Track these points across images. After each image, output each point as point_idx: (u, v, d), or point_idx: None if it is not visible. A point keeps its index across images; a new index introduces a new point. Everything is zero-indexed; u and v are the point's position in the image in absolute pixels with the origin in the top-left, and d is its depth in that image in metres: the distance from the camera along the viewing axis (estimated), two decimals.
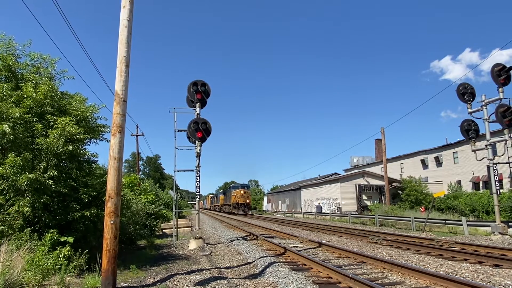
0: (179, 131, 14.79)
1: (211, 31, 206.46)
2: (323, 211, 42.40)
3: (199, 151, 13.86)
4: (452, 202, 30.97)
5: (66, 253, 7.43)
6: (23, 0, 9.38)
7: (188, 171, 15.10)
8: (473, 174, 36.91)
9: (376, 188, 42.08)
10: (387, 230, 20.02)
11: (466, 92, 16.91)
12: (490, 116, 16.26)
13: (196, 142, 13.86)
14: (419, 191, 35.78)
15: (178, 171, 15.12)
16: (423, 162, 44.64)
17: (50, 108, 8.79)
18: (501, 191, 19.45)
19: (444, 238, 14.41)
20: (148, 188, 24.23)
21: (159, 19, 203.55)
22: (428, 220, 19.27)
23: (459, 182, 38.53)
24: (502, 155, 16.78)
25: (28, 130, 8.52)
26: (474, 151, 17.18)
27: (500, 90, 15.86)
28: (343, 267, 8.76)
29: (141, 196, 19.72)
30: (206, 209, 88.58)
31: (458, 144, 38.52)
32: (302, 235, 17.49)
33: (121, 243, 11.61)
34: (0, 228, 7.65)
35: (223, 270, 8.91)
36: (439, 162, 42.19)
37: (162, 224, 21.56)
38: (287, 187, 70.33)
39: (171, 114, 14.85)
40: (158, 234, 19.49)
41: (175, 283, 7.32)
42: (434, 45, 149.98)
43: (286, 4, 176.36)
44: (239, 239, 16.07)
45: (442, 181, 40.88)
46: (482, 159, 16.95)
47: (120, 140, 6.51)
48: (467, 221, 17.45)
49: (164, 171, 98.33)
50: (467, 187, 37.09)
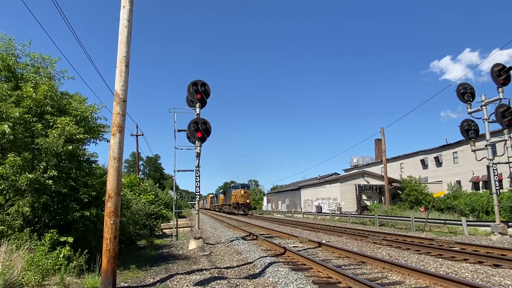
0: (179, 131, 14.80)
1: (211, 31, 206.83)
2: (323, 211, 42.41)
3: (199, 151, 13.87)
4: (452, 202, 30.99)
5: (66, 253, 7.42)
6: (23, 0, 9.39)
7: (188, 171, 15.12)
8: (473, 174, 36.93)
9: (376, 188, 42.10)
10: (387, 230, 20.03)
11: (466, 92, 16.92)
12: (490, 116, 16.26)
13: (196, 142, 13.87)
14: (419, 191, 35.80)
15: (178, 171, 15.13)
16: (423, 162, 44.67)
17: (50, 108, 8.79)
18: (500, 191, 19.44)
19: (444, 238, 14.42)
20: (148, 188, 24.23)
21: (159, 19, 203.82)
22: (428, 220, 19.28)
23: (459, 182, 38.55)
24: (502, 155, 16.79)
25: (28, 130, 8.52)
26: (474, 151, 17.18)
27: (500, 90, 15.87)
28: (343, 267, 8.76)
29: (141, 196, 19.72)
30: (206, 209, 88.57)
31: (458, 144, 38.54)
32: (302, 235, 17.50)
33: (121, 243, 11.61)
34: (0, 228, 7.64)
35: (223, 270, 8.91)
36: (439, 162, 42.22)
37: (162, 224, 21.57)
38: (287, 187, 70.33)
39: (171, 114, 14.87)
40: (158, 234, 19.50)
41: (175, 283, 7.32)
42: (434, 45, 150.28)
43: (286, 4, 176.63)
44: (239, 239, 16.07)
45: (442, 181, 40.90)
46: (482, 159, 16.96)
47: (120, 140, 6.51)
48: (467, 221, 17.46)
49: (164, 171, 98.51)
50: (467, 187, 37.11)
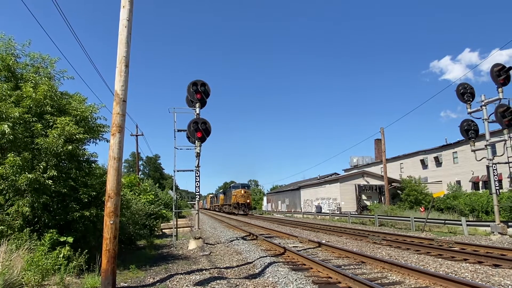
0: (178, 131, 14.79)
1: (211, 31, 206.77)
2: (323, 211, 42.42)
3: (198, 151, 13.87)
4: (451, 202, 31.00)
5: (65, 253, 7.42)
6: (22, 0, 9.38)
7: (188, 171, 15.11)
8: (472, 174, 36.94)
9: (376, 188, 42.10)
10: (386, 230, 20.04)
11: (465, 92, 16.92)
12: (489, 116, 16.27)
13: (196, 142, 13.87)
14: (418, 191, 35.80)
15: (178, 171, 15.12)
16: (422, 162, 44.67)
17: (49, 108, 8.78)
18: (500, 191, 19.44)
19: (443, 238, 14.43)
20: (148, 188, 24.22)
21: (159, 19, 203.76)
22: (428, 220, 19.29)
23: (458, 182, 38.57)
24: (501, 155, 16.79)
25: (27, 130, 8.52)
26: (474, 151, 17.19)
27: (499, 90, 15.88)
28: (342, 267, 8.76)
29: (140, 196, 19.72)
30: (205, 209, 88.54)
31: (458, 144, 38.55)
32: (302, 235, 17.50)
33: (120, 243, 11.61)
34: (0, 228, 7.64)
35: (223, 270, 8.91)
36: (438, 162, 42.23)
37: (162, 224, 21.56)
38: (287, 187, 70.32)
39: (171, 114, 14.86)
40: (157, 234, 19.50)
41: (175, 283, 7.32)
42: (434, 45, 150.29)
43: (286, 4, 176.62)
44: (238, 239, 16.07)
45: (441, 181, 40.91)
46: (482, 159, 16.97)
47: (120, 140, 6.51)
48: (466, 221, 17.46)
49: (163, 171, 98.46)
50: (467, 187, 37.12)
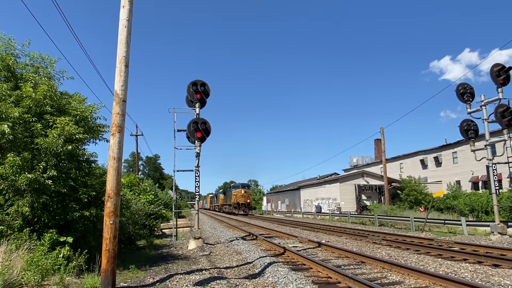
0: (178, 131, 14.79)
1: (211, 31, 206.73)
2: (323, 211, 42.43)
3: (198, 151, 13.87)
4: (451, 202, 31.01)
5: (65, 253, 7.41)
6: (22, 0, 9.38)
7: (188, 171, 15.11)
8: (472, 174, 36.95)
9: (376, 188, 42.10)
10: (386, 230, 20.04)
11: (465, 92, 16.92)
12: (489, 116, 16.27)
13: (196, 142, 13.86)
14: (418, 191, 35.81)
15: (178, 171, 15.12)
16: (422, 162, 44.67)
17: (49, 108, 8.78)
18: (500, 191, 19.44)
19: (443, 238, 14.43)
20: (148, 188, 24.22)
21: (159, 19, 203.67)
22: (428, 220, 19.30)
23: (458, 182, 38.58)
24: (501, 155, 16.79)
25: (27, 130, 8.51)
26: (474, 151, 17.19)
27: (499, 90, 15.88)
28: (342, 267, 8.76)
29: (140, 196, 19.71)
30: (205, 209, 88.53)
31: (458, 144, 38.55)
32: (302, 235, 17.50)
33: (120, 243, 11.61)
34: (0, 228, 7.64)
35: (223, 270, 8.91)
36: (438, 162, 42.23)
37: (162, 224, 21.56)
38: (287, 187, 70.32)
39: (171, 114, 14.85)
40: (157, 234, 19.50)
41: (175, 283, 7.32)
42: (434, 45, 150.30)
43: (286, 4, 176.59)
44: (238, 239, 16.07)
45: (441, 181, 40.92)
46: (482, 159, 16.97)
47: (120, 140, 6.51)
48: (466, 221, 17.47)
49: (163, 171, 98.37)
50: (467, 187, 37.14)
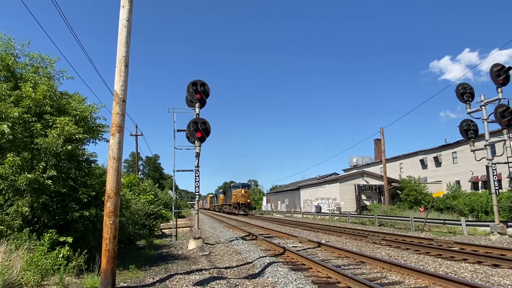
0: (178, 131, 14.79)
1: (211, 31, 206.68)
2: (323, 211, 42.43)
3: (198, 151, 13.86)
4: (451, 202, 31.03)
5: (65, 253, 7.41)
6: (22, 0, 9.37)
7: (188, 171, 15.11)
8: (472, 174, 36.96)
9: (375, 188, 42.11)
10: (386, 230, 20.05)
11: (465, 92, 16.93)
12: (489, 116, 16.28)
13: (196, 142, 13.86)
14: (418, 191, 35.83)
15: (178, 171, 15.12)
16: (422, 162, 44.68)
17: (49, 108, 8.77)
18: (500, 191, 19.45)
19: (443, 238, 14.44)
20: (147, 188, 24.22)
21: (159, 19, 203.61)
22: (427, 220, 19.30)
23: (458, 182, 38.58)
24: (501, 155, 16.80)
25: (27, 130, 8.51)
26: (473, 151, 17.20)
27: (499, 90, 15.89)
28: (342, 267, 8.76)
29: (140, 196, 19.71)
30: (205, 209, 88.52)
31: (457, 144, 38.56)
32: (301, 235, 17.50)
33: (120, 243, 11.61)
34: None
35: (223, 270, 8.91)
36: (438, 162, 42.24)
37: (162, 224, 21.56)
38: (287, 187, 70.33)
39: (171, 114, 14.87)
40: (157, 234, 19.49)
41: (174, 283, 7.32)
42: (434, 45, 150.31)
43: (286, 4, 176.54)
44: (238, 239, 16.07)
45: (441, 181, 40.94)
46: (481, 159, 16.97)
47: (120, 140, 6.50)
48: (466, 221, 17.47)
49: (163, 171, 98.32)
50: (466, 187, 37.15)
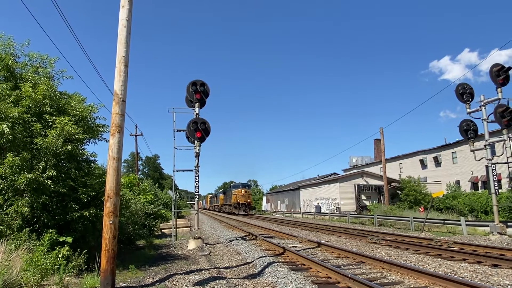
0: (178, 131, 14.78)
1: (211, 31, 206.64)
2: (322, 211, 42.44)
3: (198, 151, 13.86)
4: (451, 202, 31.05)
5: (65, 253, 7.40)
6: (22, 0, 9.36)
7: (187, 171, 15.10)
8: (471, 174, 36.97)
9: (375, 188, 42.12)
10: (386, 230, 20.05)
11: (465, 92, 16.93)
12: (489, 116, 16.28)
13: (195, 142, 13.86)
14: (418, 191, 35.85)
15: (177, 171, 15.11)
16: (422, 162, 44.69)
17: (48, 108, 8.77)
18: (499, 191, 19.49)
19: (443, 238, 14.44)
20: (147, 188, 24.23)
21: (159, 19, 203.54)
22: (427, 220, 19.31)
23: (458, 182, 38.60)
24: (500, 155, 16.81)
25: (26, 130, 8.50)
26: (473, 151, 17.20)
27: (498, 90, 15.89)
28: (342, 267, 8.76)
29: (140, 196, 19.71)
30: (205, 209, 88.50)
31: (457, 144, 38.58)
32: (301, 235, 17.50)
33: (120, 243, 11.61)
34: None
35: (222, 270, 8.91)
36: (438, 162, 42.25)
37: (161, 224, 21.57)
38: (286, 187, 70.33)
39: (170, 114, 14.85)
40: (157, 234, 19.49)
41: (174, 283, 7.32)
42: (433, 45, 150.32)
43: (286, 4, 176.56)
44: (238, 239, 16.07)
45: (441, 181, 40.95)
46: (481, 159, 16.98)
47: (119, 140, 6.50)
48: (466, 221, 17.48)
49: (163, 171, 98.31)
50: (466, 187, 37.16)
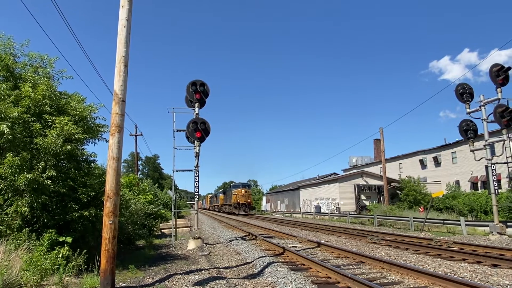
0: (178, 131, 14.78)
1: (211, 31, 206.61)
2: (322, 211, 42.44)
3: (198, 151, 13.86)
4: (450, 202, 31.06)
5: (64, 253, 7.40)
6: (22, 0, 9.35)
7: (187, 171, 15.10)
8: (471, 174, 36.99)
9: (375, 188, 42.12)
10: (385, 230, 20.06)
11: (464, 92, 16.94)
12: (488, 116, 16.29)
13: (195, 142, 13.85)
14: (417, 191, 35.86)
15: (177, 171, 15.11)
16: (421, 162, 44.70)
17: (48, 108, 8.77)
18: (499, 191, 19.48)
19: (442, 238, 14.45)
20: (147, 188, 24.20)
21: (159, 19, 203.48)
22: (427, 220, 19.32)
23: (457, 182, 38.61)
24: (500, 155, 16.81)
25: (26, 130, 8.50)
26: (473, 151, 17.21)
27: (498, 90, 15.90)
28: (341, 267, 8.77)
29: (139, 196, 19.69)
30: (205, 209, 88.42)
31: (457, 144, 38.59)
32: (301, 235, 17.50)
33: (119, 243, 11.61)
34: None
35: (222, 270, 8.91)
36: (437, 162, 42.27)
37: (161, 224, 21.56)
38: (286, 187, 70.33)
39: (170, 114, 14.84)
40: (156, 234, 19.49)
41: (174, 283, 7.31)
42: (433, 45, 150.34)
43: (286, 4, 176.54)
44: (238, 239, 16.07)
45: (440, 181, 40.96)
46: (481, 159, 16.98)
47: (119, 140, 6.50)
48: (465, 221, 17.49)
49: (163, 171, 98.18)
50: (466, 187, 37.18)
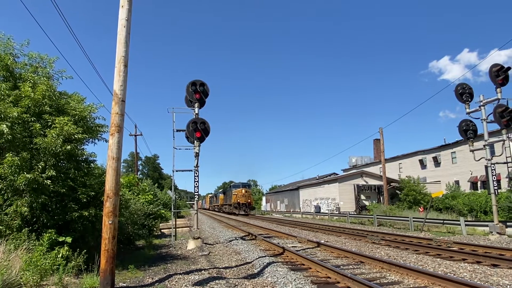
0: (177, 131, 14.79)
1: (211, 31, 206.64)
2: (322, 211, 42.45)
3: (197, 151, 13.86)
4: (450, 202, 31.06)
5: (64, 253, 7.40)
6: (22, 0, 9.35)
7: (187, 171, 15.12)
8: (471, 174, 37.00)
9: (375, 188, 42.12)
10: (385, 230, 20.06)
11: (464, 92, 16.95)
12: (488, 116, 16.30)
13: (195, 142, 13.86)
14: (417, 191, 35.86)
15: (177, 171, 15.13)
16: (421, 162, 44.71)
17: (48, 108, 8.76)
18: (499, 191, 19.50)
19: (442, 238, 14.46)
20: (147, 188, 24.19)
21: (159, 19, 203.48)
22: (426, 220, 19.33)
23: (457, 182, 38.62)
24: (500, 155, 16.82)
25: (26, 130, 8.50)
26: (472, 151, 17.21)
27: (498, 90, 15.90)
28: (341, 267, 8.77)
29: (139, 196, 19.68)
30: (205, 209, 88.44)
31: (456, 144, 38.60)
32: (301, 235, 17.51)
33: (119, 243, 11.60)
34: None
35: (222, 270, 8.91)
36: (437, 162, 42.28)
37: (161, 224, 21.56)
38: (286, 187, 70.34)
39: (170, 114, 14.89)
40: (156, 234, 19.48)
41: (174, 283, 7.31)
42: (433, 45, 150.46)
43: (286, 4, 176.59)
44: (237, 239, 16.07)
45: (440, 181, 40.97)
46: (480, 159, 16.99)
47: (119, 140, 6.50)
48: (465, 221, 17.50)
49: (162, 171, 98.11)
50: (465, 187, 37.19)
